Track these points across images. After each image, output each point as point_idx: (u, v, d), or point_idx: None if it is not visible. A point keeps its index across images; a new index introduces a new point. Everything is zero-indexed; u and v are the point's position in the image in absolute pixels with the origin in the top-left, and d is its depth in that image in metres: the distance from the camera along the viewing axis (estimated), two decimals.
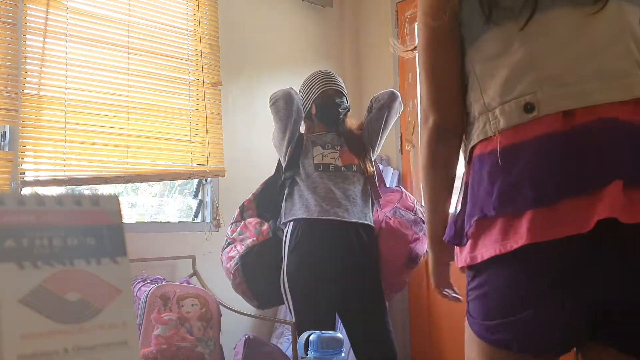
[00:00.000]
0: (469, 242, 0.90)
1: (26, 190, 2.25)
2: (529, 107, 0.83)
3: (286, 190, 2.11)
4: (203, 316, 2.27)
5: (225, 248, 2.17)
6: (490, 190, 0.85)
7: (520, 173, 0.82)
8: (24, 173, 2.28)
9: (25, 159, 2.31)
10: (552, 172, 0.80)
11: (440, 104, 1.01)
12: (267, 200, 2.19)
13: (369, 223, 2.06)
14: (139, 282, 2.34)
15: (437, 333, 2.91)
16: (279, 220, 2.13)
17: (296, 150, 2.13)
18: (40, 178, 2.34)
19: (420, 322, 3.01)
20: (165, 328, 2.15)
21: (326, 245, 1.97)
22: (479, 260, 0.87)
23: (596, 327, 0.84)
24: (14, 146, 2.28)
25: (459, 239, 0.93)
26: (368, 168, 2.13)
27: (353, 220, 2.00)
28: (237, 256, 2.07)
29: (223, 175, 2.85)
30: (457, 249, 0.95)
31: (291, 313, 2.04)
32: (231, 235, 2.17)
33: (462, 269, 0.94)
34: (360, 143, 2.17)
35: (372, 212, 2.12)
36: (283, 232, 2.08)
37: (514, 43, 0.87)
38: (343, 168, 2.07)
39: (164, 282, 2.35)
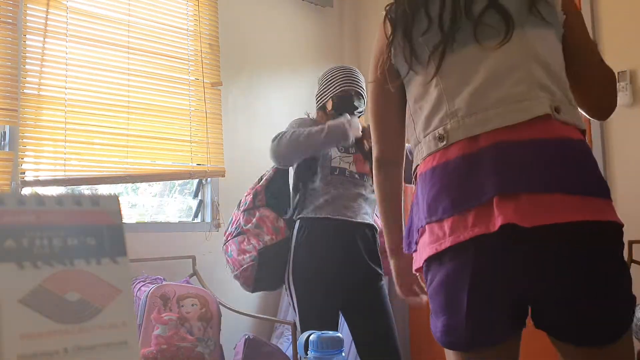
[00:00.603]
0: (418, 248, 1.04)
1: (26, 190, 2.25)
2: (440, 138, 0.99)
3: (300, 185, 2.11)
4: (203, 316, 2.27)
5: (235, 237, 2.09)
6: (423, 205, 1.01)
7: (438, 190, 0.97)
8: (24, 173, 2.28)
9: (25, 159, 2.31)
10: (460, 187, 0.94)
11: (382, 139, 1.24)
12: (278, 191, 2.16)
13: (374, 223, 2.07)
14: (139, 282, 2.34)
15: None
16: (289, 214, 2.13)
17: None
18: (40, 178, 2.34)
19: (420, 321, 3.01)
20: (165, 328, 2.15)
21: (333, 245, 1.98)
22: (421, 263, 1.01)
23: (522, 320, 0.97)
24: (14, 146, 2.28)
25: (410, 247, 1.08)
26: None
27: (359, 220, 2.02)
28: (253, 252, 2.02)
29: (223, 175, 2.85)
30: (413, 255, 1.09)
31: (294, 309, 2.04)
32: (244, 226, 2.08)
33: (416, 271, 1.08)
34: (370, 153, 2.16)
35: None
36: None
37: (432, 85, 1.03)
38: (356, 175, 2.07)
39: (164, 282, 2.35)
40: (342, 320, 2.07)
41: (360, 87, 2.14)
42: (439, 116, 1.01)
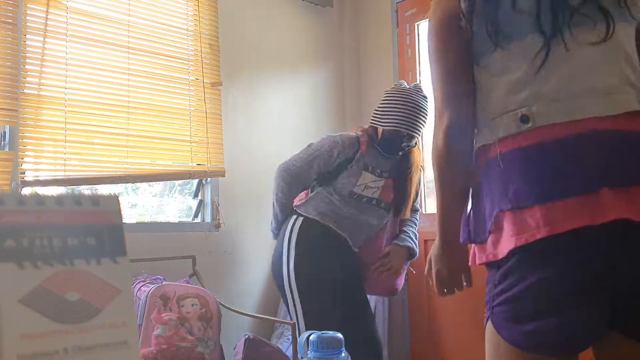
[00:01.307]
0: (490, 238, 0.94)
1: (26, 190, 2.25)
2: (524, 119, 0.92)
3: (315, 183, 2.13)
4: (203, 316, 2.27)
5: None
6: (503, 189, 0.92)
7: (526, 175, 0.90)
8: (24, 173, 2.28)
9: (25, 159, 2.30)
10: (556, 174, 0.88)
11: (457, 100, 1.04)
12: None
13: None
14: (139, 282, 2.34)
15: (437, 333, 2.91)
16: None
17: (341, 165, 2.09)
18: (40, 178, 2.34)
19: (420, 321, 3.01)
20: (165, 328, 2.15)
21: (329, 249, 2.03)
22: (499, 256, 0.92)
23: (613, 319, 0.88)
24: (14, 146, 2.28)
25: (478, 237, 0.97)
26: (405, 212, 2.16)
27: (354, 249, 2.10)
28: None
29: (223, 175, 2.85)
30: (475, 247, 0.99)
31: (295, 309, 2.04)
32: None
33: (487, 265, 0.97)
34: (406, 188, 2.16)
35: None
36: (290, 219, 2.10)
37: (516, 61, 0.96)
38: (374, 201, 2.08)
39: (164, 282, 2.35)
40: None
41: (418, 129, 2.07)
42: (521, 95, 0.94)
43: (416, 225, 2.28)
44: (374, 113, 2.15)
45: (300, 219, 2.06)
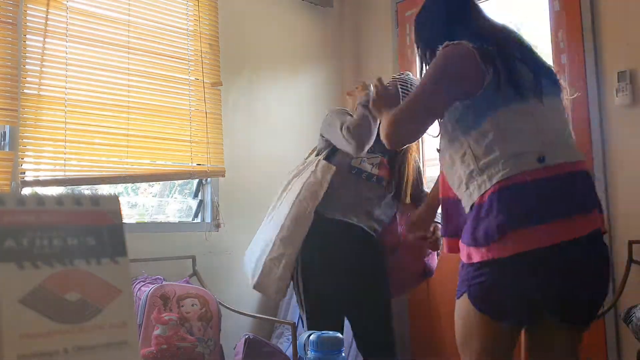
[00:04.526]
0: (496, 244, 1.25)
1: (26, 190, 2.25)
2: (541, 159, 1.27)
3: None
4: (203, 316, 2.27)
5: None
6: (522, 208, 1.26)
7: (541, 198, 1.27)
8: (24, 173, 2.28)
9: (25, 159, 2.30)
10: (562, 198, 1.28)
11: (425, 126, 1.42)
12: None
13: (377, 227, 2.09)
14: (139, 282, 2.34)
15: (438, 333, 2.91)
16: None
17: None
18: (40, 178, 2.34)
19: (420, 321, 3.02)
20: (165, 328, 2.15)
21: (339, 244, 2.00)
22: (506, 255, 1.24)
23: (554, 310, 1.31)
24: (14, 146, 2.28)
25: (481, 242, 1.27)
26: (404, 197, 2.12)
27: (364, 226, 2.05)
28: None
29: (223, 175, 2.85)
30: (472, 249, 1.30)
31: (302, 305, 2.03)
32: None
33: (477, 262, 1.29)
34: (401, 169, 2.12)
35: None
36: None
37: (526, 114, 1.33)
38: (374, 178, 2.06)
39: (164, 282, 2.35)
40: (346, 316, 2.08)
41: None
42: (536, 141, 1.30)
43: None
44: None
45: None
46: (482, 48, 1.33)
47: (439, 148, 1.49)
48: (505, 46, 1.38)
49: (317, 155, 2.15)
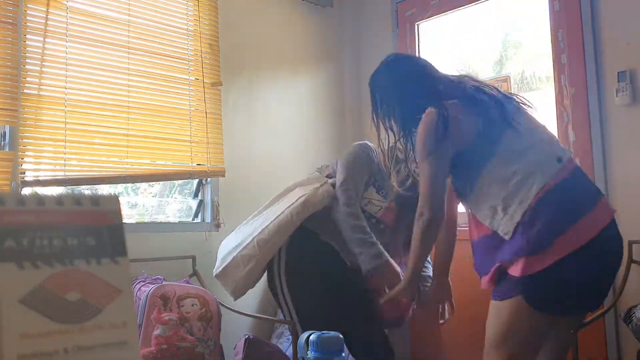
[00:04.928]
0: (542, 252, 1.40)
1: (26, 190, 2.25)
2: (559, 159, 1.53)
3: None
4: (203, 316, 2.27)
5: None
6: (563, 210, 1.45)
7: (573, 196, 1.48)
8: (24, 173, 2.28)
9: (25, 159, 2.30)
10: (586, 191, 1.52)
11: (441, 204, 1.60)
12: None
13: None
14: (139, 282, 2.33)
15: (438, 333, 2.91)
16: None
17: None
18: (40, 178, 2.34)
19: (420, 321, 3.01)
20: (165, 328, 2.15)
21: (331, 268, 2.03)
22: (550, 262, 1.39)
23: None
24: (14, 146, 2.28)
25: (537, 249, 1.41)
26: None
27: (347, 260, 2.04)
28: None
29: (223, 175, 2.85)
30: (525, 259, 1.41)
31: (289, 312, 2.03)
32: None
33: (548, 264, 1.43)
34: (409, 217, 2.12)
35: None
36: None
37: (518, 139, 1.55)
38: (374, 220, 2.04)
39: (164, 282, 2.35)
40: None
41: None
42: (543, 149, 1.55)
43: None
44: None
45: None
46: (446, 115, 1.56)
47: (458, 193, 1.67)
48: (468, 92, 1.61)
49: (327, 176, 2.13)
